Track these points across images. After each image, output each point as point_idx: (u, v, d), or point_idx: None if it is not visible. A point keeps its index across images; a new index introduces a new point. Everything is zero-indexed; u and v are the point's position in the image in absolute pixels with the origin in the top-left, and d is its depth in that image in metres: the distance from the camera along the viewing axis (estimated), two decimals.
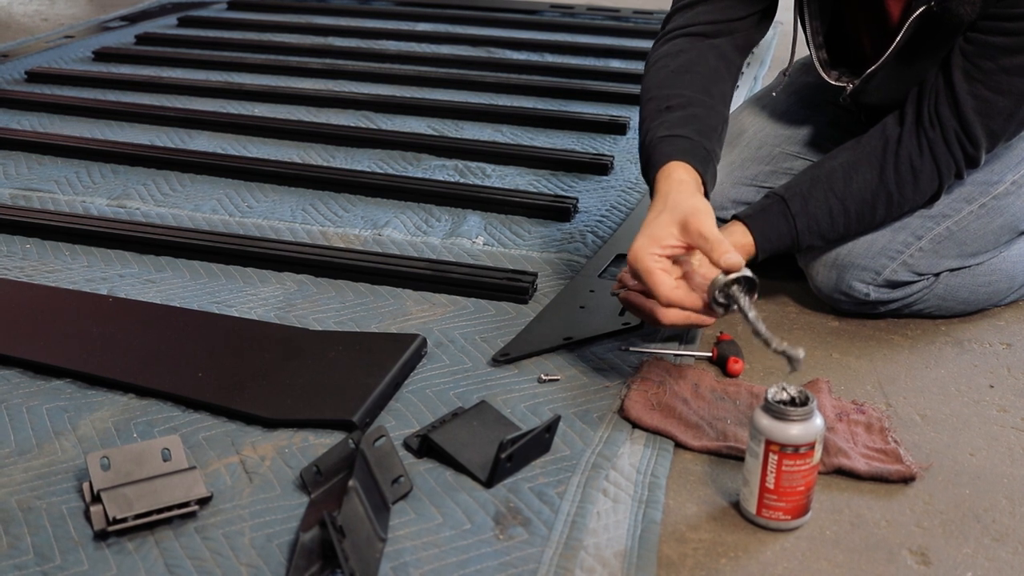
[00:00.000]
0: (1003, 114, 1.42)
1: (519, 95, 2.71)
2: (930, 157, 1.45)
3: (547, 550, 1.08)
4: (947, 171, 1.46)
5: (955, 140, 1.44)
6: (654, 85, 1.50)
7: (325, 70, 2.88)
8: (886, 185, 1.46)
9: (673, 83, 1.48)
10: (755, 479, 1.11)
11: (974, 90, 1.41)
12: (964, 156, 1.45)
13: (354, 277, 1.67)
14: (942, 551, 1.11)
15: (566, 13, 3.61)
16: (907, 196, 1.48)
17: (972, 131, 1.43)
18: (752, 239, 1.44)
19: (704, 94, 1.46)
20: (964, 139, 1.44)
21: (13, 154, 2.22)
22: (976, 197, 1.54)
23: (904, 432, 1.31)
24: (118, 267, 1.71)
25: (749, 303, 1.22)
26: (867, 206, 1.47)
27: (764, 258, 1.47)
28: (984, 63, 1.40)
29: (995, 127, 1.43)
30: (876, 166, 1.46)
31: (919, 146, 1.45)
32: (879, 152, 1.47)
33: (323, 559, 1.03)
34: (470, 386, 1.38)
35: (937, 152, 1.45)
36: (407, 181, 2.06)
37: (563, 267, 1.73)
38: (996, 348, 1.53)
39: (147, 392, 1.34)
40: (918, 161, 1.45)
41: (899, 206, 1.49)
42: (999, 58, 1.39)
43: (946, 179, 1.47)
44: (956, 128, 1.43)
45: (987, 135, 1.44)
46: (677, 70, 1.49)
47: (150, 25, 3.46)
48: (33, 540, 1.09)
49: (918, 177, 1.46)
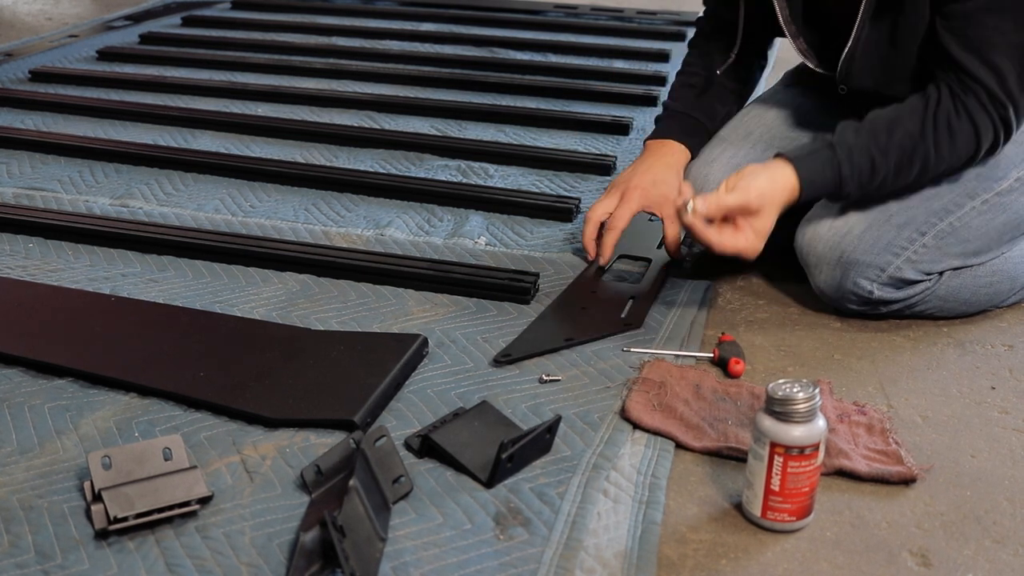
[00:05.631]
0: (1013, 74, 1.45)
1: (522, 95, 2.70)
2: (967, 116, 1.47)
3: (547, 550, 1.08)
4: (985, 133, 1.48)
5: (989, 102, 1.46)
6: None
7: (328, 70, 2.88)
8: (925, 140, 1.48)
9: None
10: (759, 481, 1.11)
11: (979, 57, 1.44)
12: (1000, 118, 1.47)
13: (356, 277, 1.67)
14: (943, 553, 1.11)
15: (570, 13, 3.61)
16: (943, 155, 1.49)
17: (998, 96, 1.45)
18: (797, 181, 1.47)
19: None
20: (996, 103, 1.46)
21: (16, 153, 2.23)
22: (979, 193, 1.54)
23: (905, 433, 1.31)
24: (121, 266, 1.72)
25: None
26: (906, 159, 1.49)
27: (806, 201, 1.50)
28: (972, 31, 1.44)
29: (1012, 90, 1.46)
30: (918, 120, 1.48)
31: (956, 108, 1.47)
32: (921, 109, 1.49)
33: (323, 559, 1.03)
34: (471, 386, 1.38)
35: (974, 113, 1.47)
36: (410, 181, 2.06)
37: (565, 268, 1.73)
38: (998, 350, 1.53)
39: (149, 391, 1.34)
40: (955, 120, 1.47)
41: (936, 165, 1.50)
42: (985, 20, 1.43)
43: (984, 140, 1.49)
44: (984, 93, 1.46)
45: (1009, 98, 1.46)
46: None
47: (154, 24, 3.46)
48: (34, 539, 1.09)
49: (955, 136, 1.48)
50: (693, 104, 1.77)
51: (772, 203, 1.45)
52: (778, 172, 1.47)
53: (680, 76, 1.83)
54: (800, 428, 1.08)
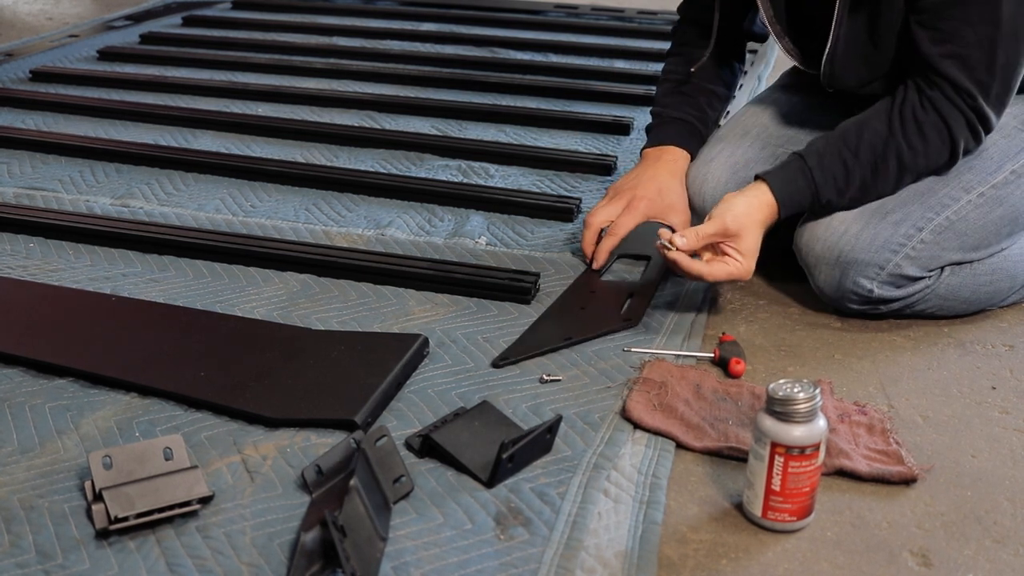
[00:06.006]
0: (981, 64, 1.46)
1: (523, 95, 2.70)
2: (933, 109, 1.49)
3: (548, 550, 1.08)
4: (955, 124, 1.49)
5: (955, 95, 1.48)
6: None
7: (329, 70, 2.88)
8: (895, 136, 1.50)
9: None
10: (760, 481, 1.11)
11: (945, 50, 1.46)
12: (969, 107, 1.49)
13: (357, 277, 1.67)
14: (943, 553, 1.11)
15: (570, 13, 3.61)
16: (917, 149, 1.51)
17: (963, 86, 1.47)
18: (773, 195, 1.51)
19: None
20: (962, 93, 1.48)
21: (17, 153, 2.23)
22: (974, 186, 1.55)
23: (906, 433, 1.31)
24: (121, 266, 1.72)
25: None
26: (880, 158, 1.51)
27: (788, 215, 1.53)
28: (943, 24, 1.45)
29: (982, 78, 1.47)
30: (884, 119, 1.51)
31: (921, 103, 1.50)
32: (887, 107, 1.53)
33: (324, 559, 1.03)
34: (472, 386, 1.38)
35: (940, 106, 1.49)
36: (410, 181, 2.06)
37: (566, 268, 1.73)
38: (998, 350, 1.53)
39: (149, 391, 1.34)
40: (921, 114, 1.50)
41: (913, 161, 1.52)
42: (953, 13, 1.44)
43: (958, 133, 1.50)
44: (949, 86, 1.48)
45: (978, 87, 1.47)
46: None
47: (155, 24, 3.46)
48: (35, 539, 1.09)
49: (923, 128, 1.50)
50: (684, 108, 1.78)
51: (750, 223, 1.49)
52: (753, 192, 1.52)
53: (664, 84, 1.84)
54: (801, 428, 1.08)
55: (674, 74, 1.82)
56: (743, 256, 1.49)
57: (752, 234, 1.50)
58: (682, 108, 1.78)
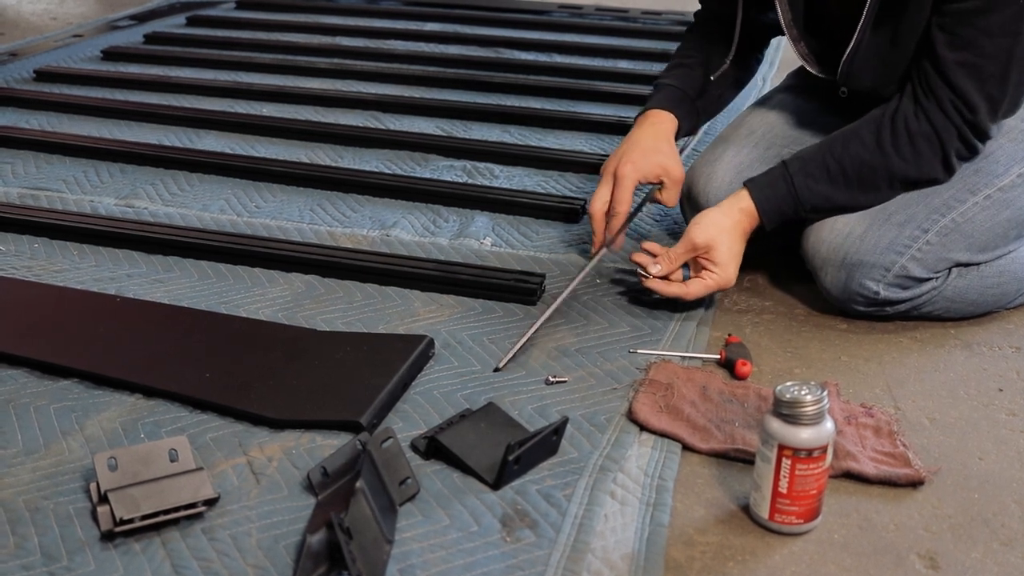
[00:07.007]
0: (995, 77, 1.45)
1: (527, 96, 2.70)
2: (926, 121, 1.49)
3: (554, 553, 1.08)
4: (947, 136, 1.48)
5: (951, 107, 1.47)
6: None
7: (333, 70, 2.88)
8: (883, 147, 1.50)
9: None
10: (767, 484, 1.11)
11: (959, 57, 1.45)
12: (964, 121, 1.48)
13: (362, 278, 1.67)
14: (951, 555, 1.10)
15: (574, 14, 3.60)
16: (908, 160, 1.50)
17: (967, 98, 1.46)
18: (752, 201, 1.53)
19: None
20: (960, 105, 1.47)
21: (21, 153, 2.23)
22: (981, 188, 1.54)
23: (913, 435, 1.31)
24: (126, 267, 1.72)
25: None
26: (867, 168, 1.51)
27: (773, 224, 1.54)
28: (963, 30, 1.44)
29: (991, 91, 1.46)
30: (873, 130, 1.51)
31: (915, 113, 1.49)
32: (876, 118, 1.52)
33: (330, 561, 1.03)
34: (478, 387, 1.38)
35: (934, 118, 1.48)
36: (415, 182, 2.06)
37: (571, 268, 1.73)
38: (1005, 351, 1.53)
39: (154, 392, 1.34)
40: (914, 124, 1.49)
41: (903, 173, 1.51)
42: (975, 21, 1.42)
43: (949, 144, 1.49)
44: (950, 96, 1.47)
45: (985, 100, 1.47)
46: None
47: (159, 24, 3.46)
48: (40, 540, 1.09)
49: (914, 140, 1.49)
50: (677, 77, 1.74)
51: (718, 232, 1.51)
52: (731, 200, 1.54)
53: (673, 59, 1.80)
54: (808, 430, 1.08)
55: (685, 52, 1.78)
56: (718, 267, 1.51)
57: (724, 243, 1.51)
58: (675, 77, 1.75)
